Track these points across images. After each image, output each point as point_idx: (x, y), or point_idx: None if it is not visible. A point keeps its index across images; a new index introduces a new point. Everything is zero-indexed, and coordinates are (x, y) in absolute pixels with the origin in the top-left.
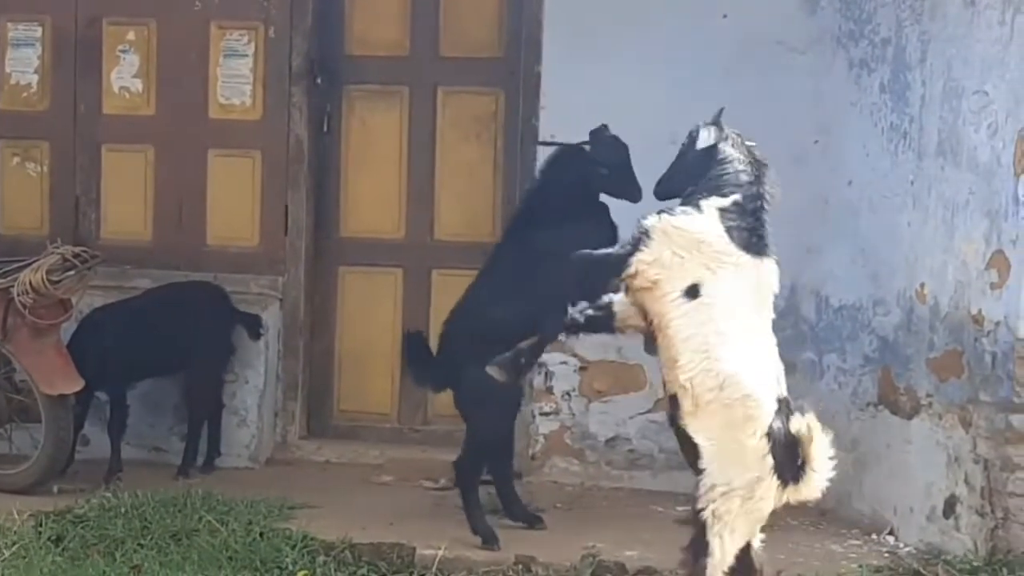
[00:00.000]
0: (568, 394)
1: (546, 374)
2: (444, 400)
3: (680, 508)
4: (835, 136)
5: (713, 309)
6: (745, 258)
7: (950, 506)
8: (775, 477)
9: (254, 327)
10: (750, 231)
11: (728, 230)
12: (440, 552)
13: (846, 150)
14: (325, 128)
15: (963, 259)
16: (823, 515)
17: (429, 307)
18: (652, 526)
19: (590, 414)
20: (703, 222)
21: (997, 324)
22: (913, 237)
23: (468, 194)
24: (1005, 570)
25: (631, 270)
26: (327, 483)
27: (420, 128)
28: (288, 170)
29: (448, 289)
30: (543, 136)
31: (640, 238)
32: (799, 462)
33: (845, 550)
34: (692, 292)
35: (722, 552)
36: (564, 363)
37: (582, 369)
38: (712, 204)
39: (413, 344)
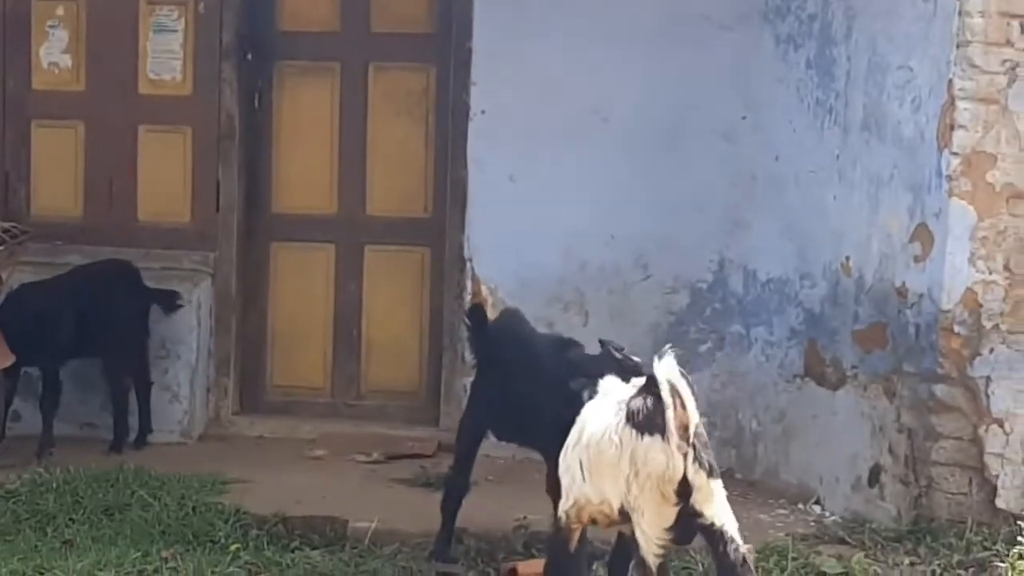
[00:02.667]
0: None
1: None
2: (377, 375)
3: None
4: (762, 112)
5: None
6: None
7: (875, 475)
8: (644, 438)
9: (170, 303)
10: None
11: None
12: (373, 525)
13: (773, 126)
14: (256, 104)
15: (887, 232)
16: (751, 486)
17: (362, 283)
18: None
19: None
20: None
21: (921, 296)
22: (839, 211)
23: (400, 170)
24: (928, 537)
25: None
26: (260, 458)
27: (352, 104)
28: (219, 146)
29: (381, 265)
30: (474, 111)
31: None
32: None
33: (772, 519)
34: None
35: (643, 538)
36: None
37: None
38: None
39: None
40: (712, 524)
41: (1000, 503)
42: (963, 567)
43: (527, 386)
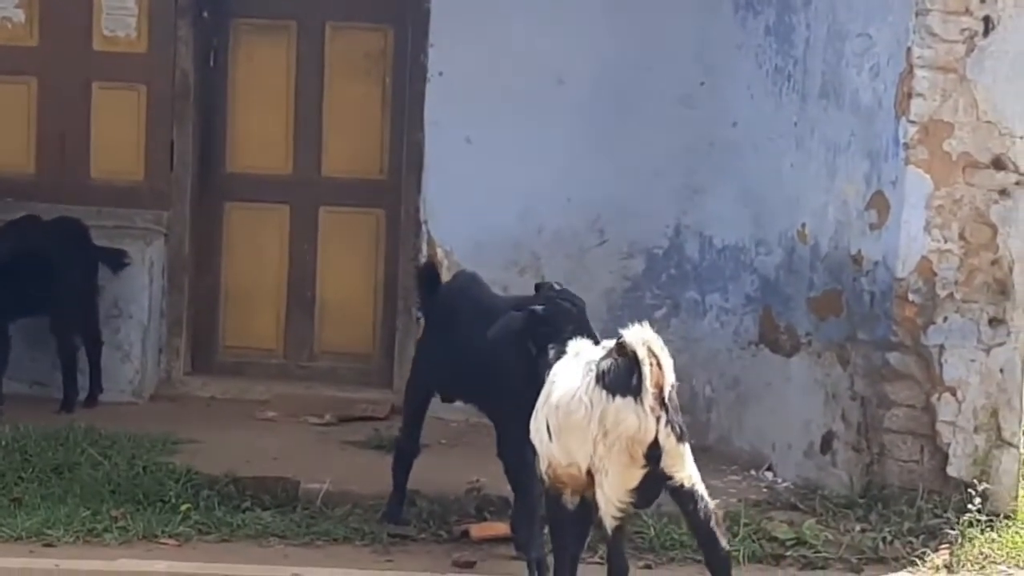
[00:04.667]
0: None
1: None
2: (330, 337)
3: None
4: (721, 78)
5: None
6: None
7: (827, 442)
8: (615, 399)
9: (116, 262)
10: None
11: None
12: (325, 486)
13: (731, 92)
14: (211, 62)
15: (844, 200)
16: (704, 452)
17: (316, 244)
18: None
19: None
20: None
21: (876, 264)
22: (795, 178)
23: (356, 131)
24: (880, 504)
25: None
26: (211, 419)
27: (308, 64)
28: (174, 104)
29: (336, 226)
30: (431, 73)
31: None
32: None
33: (725, 485)
34: None
35: (604, 498)
36: None
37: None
38: None
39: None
40: (682, 485)
41: (951, 471)
42: (914, 534)
43: (479, 347)
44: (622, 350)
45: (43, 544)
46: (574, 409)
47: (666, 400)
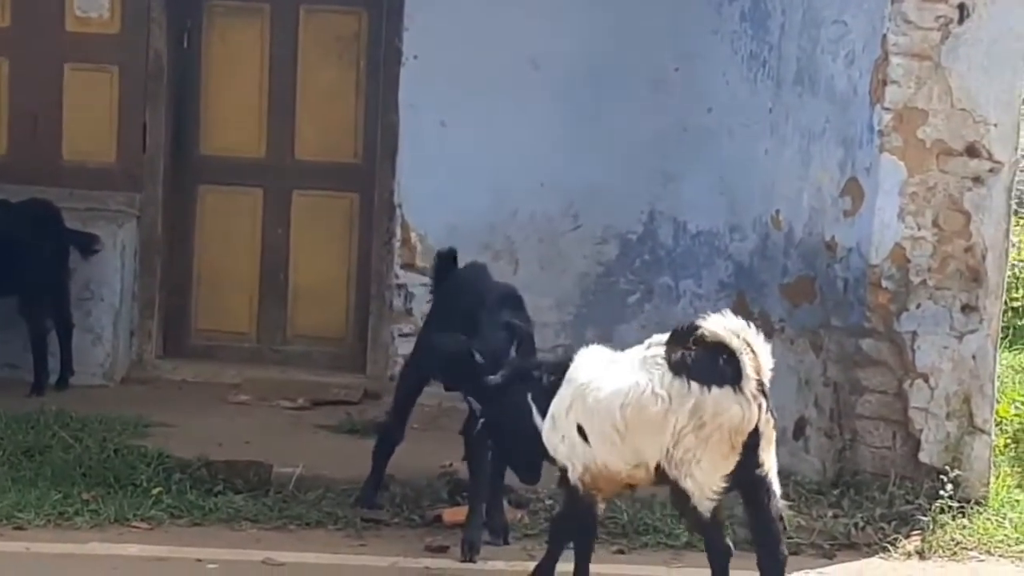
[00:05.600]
0: None
1: (406, 295)
2: (303, 320)
3: None
4: (696, 64)
5: None
6: None
7: (800, 428)
8: (711, 390)
9: (87, 246)
10: None
11: None
12: (297, 470)
13: (706, 78)
14: (185, 44)
15: (818, 186)
16: None
17: (289, 228)
18: None
19: None
20: None
21: (850, 251)
22: (770, 164)
23: (330, 114)
24: (852, 490)
25: None
26: (183, 402)
27: (282, 46)
28: (147, 86)
29: (309, 210)
30: (406, 56)
31: None
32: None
33: None
34: None
35: (698, 485)
36: (424, 284)
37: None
38: None
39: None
40: (765, 475)
41: (923, 457)
42: (886, 520)
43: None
44: (703, 341)
45: (13, 527)
46: (647, 405)
47: (765, 387)
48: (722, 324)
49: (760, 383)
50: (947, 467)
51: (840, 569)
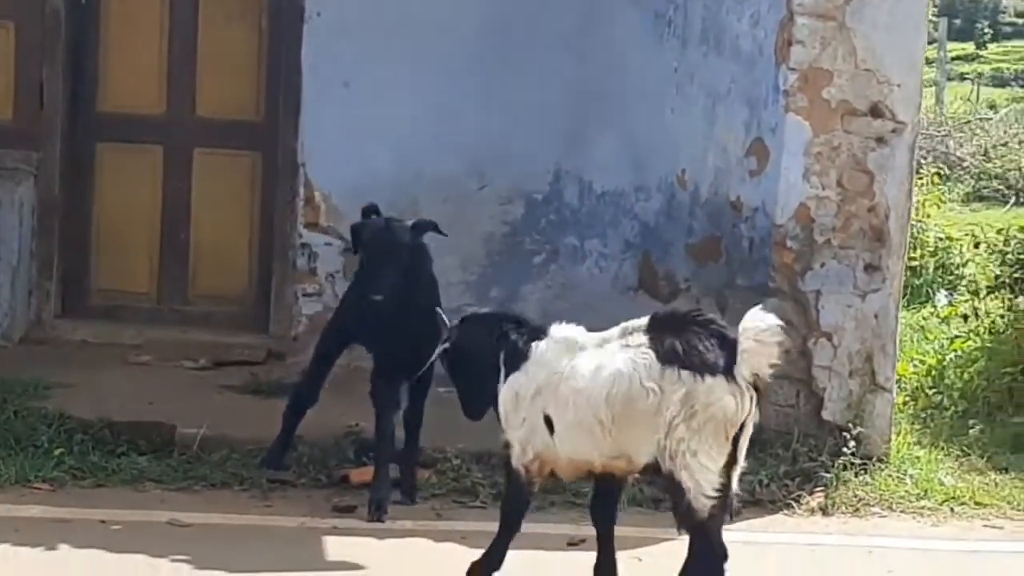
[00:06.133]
0: (332, 276)
1: (309, 255)
2: (204, 280)
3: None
4: (602, 23)
5: None
6: None
7: None
8: (706, 379)
9: None
10: None
11: None
12: (201, 431)
13: (613, 38)
14: (82, 0)
15: (723, 146)
16: None
17: (190, 186)
18: None
19: None
20: None
21: (755, 210)
22: (676, 124)
23: (231, 71)
24: (756, 448)
25: None
26: (84, 363)
27: (182, 1)
28: (44, 42)
29: (210, 168)
30: (309, 13)
31: None
32: (732, 346)
33: None
34: None
35: (694, 479)
36: (328, 244)
37: (346, 251)
38: None
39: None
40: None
41: (826, 415)
42: (790, 477)
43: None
44: (700, 328)
45: None
46: (636, 396)
47: (760, 380)
48: (757, 316)
49: (759, 376)
50: (850, 425)
51: (745, 526)
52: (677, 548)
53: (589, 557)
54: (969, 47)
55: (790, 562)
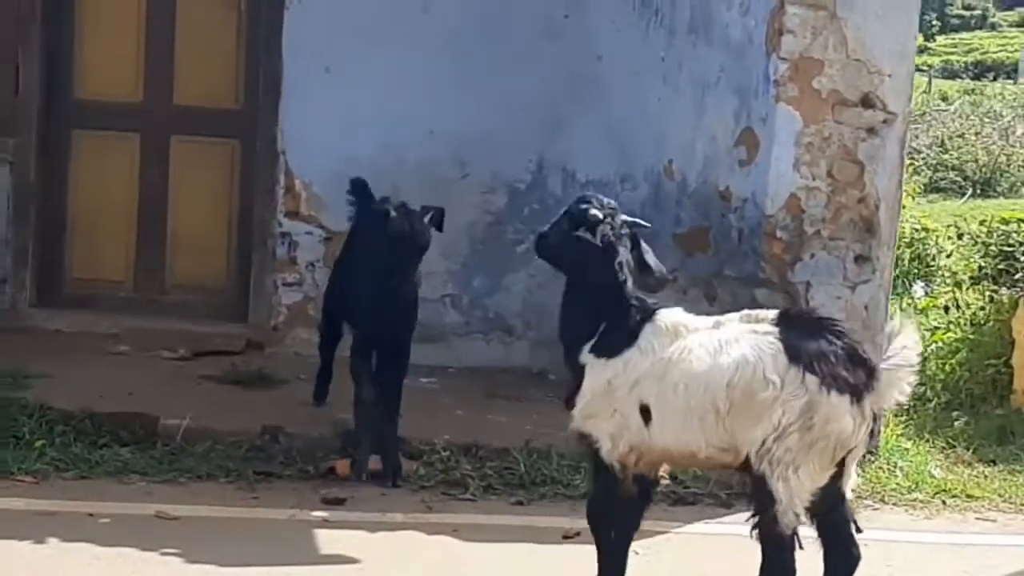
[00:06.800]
0: (312, 265)
1: (290, 244)
2: (182, 269)
3: (424, 379)
4: (586, 11)
5: None
6: None
7: None
8: (831, 394)
9: None
10: None
11: None
12: (184, 422)
13: (597, 25)
14: None
15: (712, 136)
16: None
17: (168, 174)
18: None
19: None
20: None
21: (745, 201)
22: (662, 113)
23: (210, 58)
24: None
25: None
26: (61, 352)
27: None
28: (19, 27)
29: (188, 156)
30: (289, 2)
31: None
32: (868, 368)
33: None
34: None
35: (789, 494)
36: (309, 233)
37: (327, 240)
38: None
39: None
40: (840, 486)
41: None
42: None
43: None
44: (834, 337)
45: None
46: (757, 389)
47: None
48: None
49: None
50: None
51: (739, 518)
52: (674, 540)
53: (585, 550)
54: (918, 39)
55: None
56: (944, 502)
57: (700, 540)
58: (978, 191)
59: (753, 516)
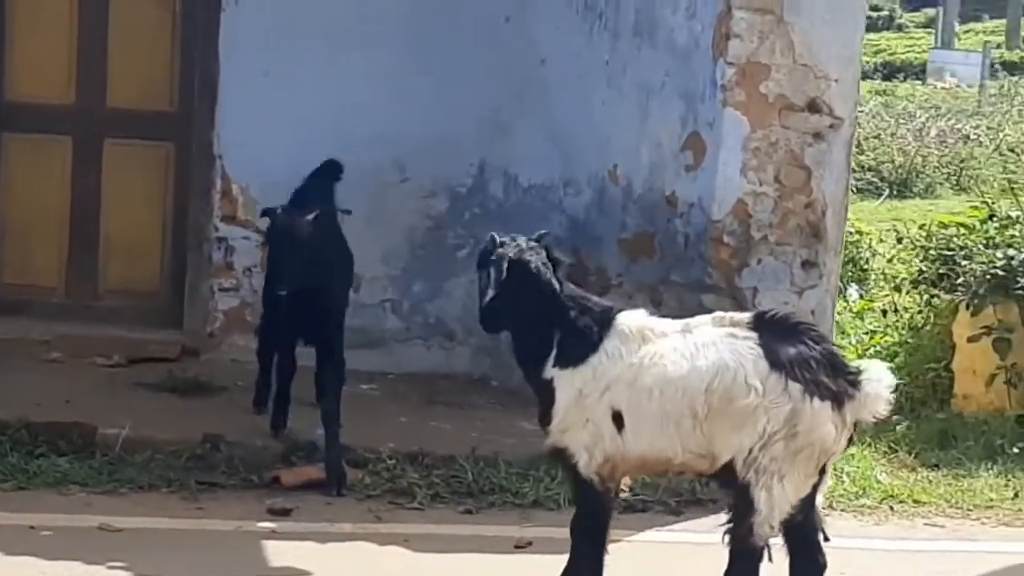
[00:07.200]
0: (249, 270)
1: (226, 249)
2: (115, 275)
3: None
4: (527, 13)
5: None
6: None
7: None
8: (814, 401)
9: None
10: None
11: None
12: (124, 431)
13: (539, 28)
14: None
15: (658, 141)
16: (510, 394)
17: (101, 178)
18: (341, 404)
19: None
20: None
21: (691, 206)
22: (607, 118)
23: (145, 61)
24: None
25: None
26: None
27: None
28: None
29: (122, 160)
30: (227, 1)
31: None
32: (849, 375)
33: (534, 426)
34: None
35: (770, 505)
36: (246, 238)
37: (264, 244)
38: None
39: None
40: (816, 494)
41: None
42: None
43: None
44: (813, 343)
45: None
46: (737, 395)
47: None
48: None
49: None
50: None
51: (689, 526)
52: (627, 548)
53: (537, 560)
54: None
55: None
56: (892, 508)
57: (654, 548)
58: (895, 192)
59: (728, 524)
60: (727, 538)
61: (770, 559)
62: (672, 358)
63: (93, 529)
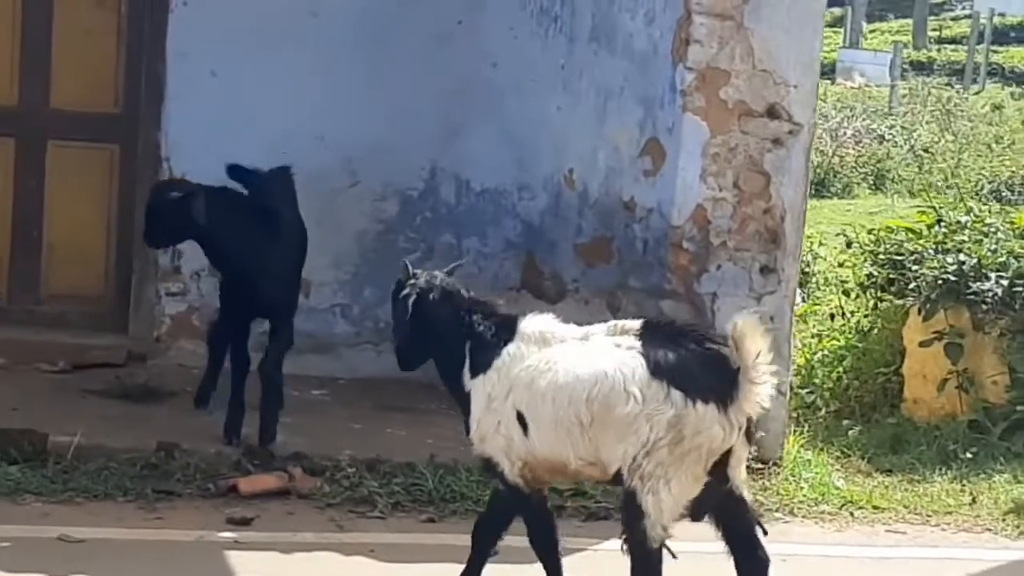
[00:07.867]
0: (197, 274)
1: (173, 253)
2: (59, 279)
3: (316, 391)
4: (480, 16)
5: None
6: None
7: None
8: (698, 406)
9: None
10: None
11: None
12: (76, 439)
13: (491, 31)
14: None
15: (615, 146)
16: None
17: (44, 180)
18: (293, 410)
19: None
20: None
21: (650, 211)
22: (563, 122)
23: (89, 60)
24: None
25: None
26: None
27: None
28: None
29: (65, 162)
30: (175, 1)
31: None
32: (732, 374)
33: None
34: None
35: (658, 509)
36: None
37: None
38: None
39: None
40: (733, 491)
41: None
42: None
43: None
44: (696, 345)
45: None
46: (616, 403)
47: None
48: (743, 329)
49: (753, 402)
50: None
51: None
52: (593, 557)
53: (506, 569)
54: None
55: (702, 571)
56: (852, 514)
57: (617, 557)
58: (813, 191)
59: (625, 533)
60: (623, 545)
61: (673, 556)
62: (564, 365)
63: (52, 540)
